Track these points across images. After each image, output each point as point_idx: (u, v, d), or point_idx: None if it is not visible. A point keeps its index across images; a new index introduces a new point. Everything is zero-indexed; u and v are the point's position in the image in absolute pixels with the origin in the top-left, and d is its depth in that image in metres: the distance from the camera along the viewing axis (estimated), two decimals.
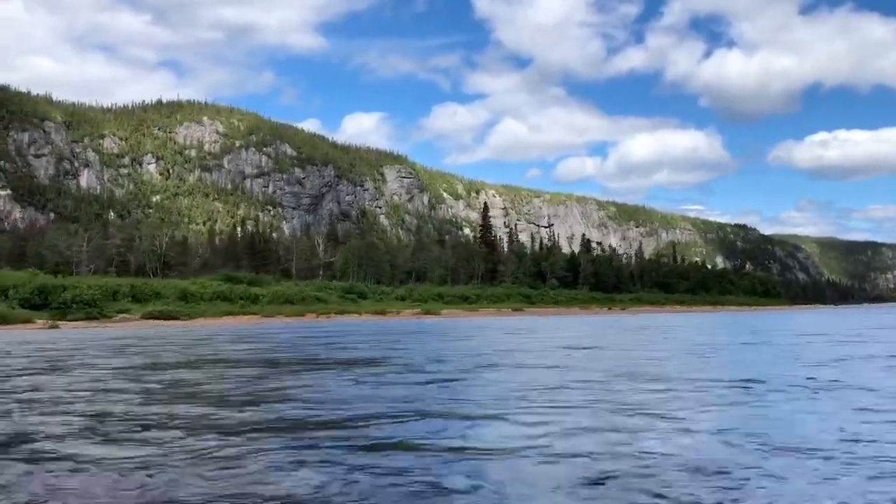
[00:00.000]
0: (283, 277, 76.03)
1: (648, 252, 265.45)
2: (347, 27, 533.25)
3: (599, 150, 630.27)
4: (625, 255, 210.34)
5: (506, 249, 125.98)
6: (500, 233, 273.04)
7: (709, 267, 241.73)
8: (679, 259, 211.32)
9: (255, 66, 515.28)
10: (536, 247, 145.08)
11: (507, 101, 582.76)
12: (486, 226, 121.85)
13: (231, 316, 43.33)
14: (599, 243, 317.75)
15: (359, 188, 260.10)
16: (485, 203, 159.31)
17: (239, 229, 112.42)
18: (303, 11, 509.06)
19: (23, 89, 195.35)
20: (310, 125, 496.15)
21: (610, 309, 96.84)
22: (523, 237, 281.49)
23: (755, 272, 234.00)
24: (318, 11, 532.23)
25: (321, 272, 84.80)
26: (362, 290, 67.42)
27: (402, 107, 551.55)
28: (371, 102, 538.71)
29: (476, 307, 71.04)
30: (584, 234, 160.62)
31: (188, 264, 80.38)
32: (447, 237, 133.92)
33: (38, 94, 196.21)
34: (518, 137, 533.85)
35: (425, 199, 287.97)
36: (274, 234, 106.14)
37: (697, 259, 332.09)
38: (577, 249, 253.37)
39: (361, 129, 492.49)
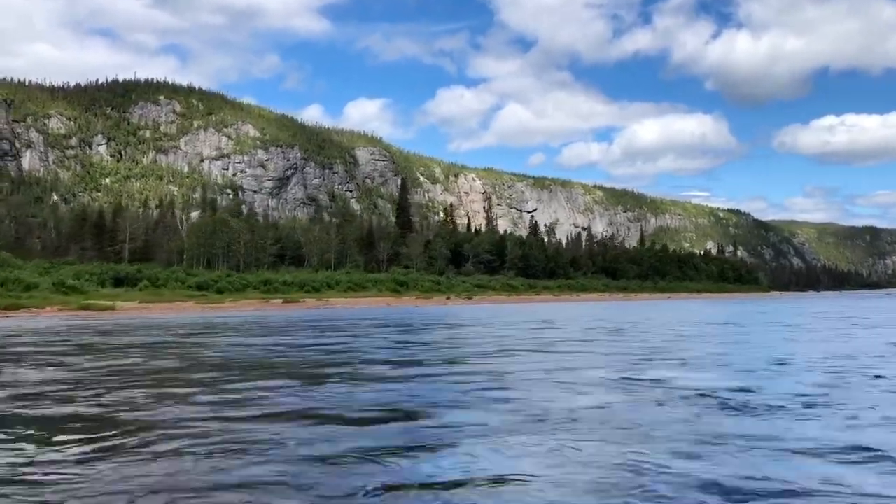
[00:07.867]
0: (118, 262, 68.00)
1: (637, 237, 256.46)
2: (352, 10, 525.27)
3: (605, 135, 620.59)
4: (593, 240, 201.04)
5: (430, 232, 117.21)
6: (480, 217, 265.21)
7: (699, 253, 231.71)
8: (650, 243, 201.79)
9: (259, 51, 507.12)
10: (485, 229, 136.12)
11: (512, 84, 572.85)
12: (402, 206, 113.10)
13: None
14: (586, 228, 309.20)
15: (328, 171, 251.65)
16: (402, 180, 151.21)
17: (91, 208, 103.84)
18: None
19: None
20: (311, 112, 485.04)
21: (518, 296, 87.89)
22: (503, 223, 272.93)
23: (726, 256, 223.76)
24: None
25: (185, 256, 76.77)
26: (151, 276, 57.47)
27: (407, 91, 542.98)
28: (375, 88, 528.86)
29: (308, 296, 61.01)
30: (532, 216, 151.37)
31: (27, 247, 72.61)
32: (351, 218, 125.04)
33: None
34: (523, 122, 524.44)
35: (400, 182, 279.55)
36: (139, 211, 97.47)
37: (687, 244, 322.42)
38: (564, 237, 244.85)
39: (364, 115, 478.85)
